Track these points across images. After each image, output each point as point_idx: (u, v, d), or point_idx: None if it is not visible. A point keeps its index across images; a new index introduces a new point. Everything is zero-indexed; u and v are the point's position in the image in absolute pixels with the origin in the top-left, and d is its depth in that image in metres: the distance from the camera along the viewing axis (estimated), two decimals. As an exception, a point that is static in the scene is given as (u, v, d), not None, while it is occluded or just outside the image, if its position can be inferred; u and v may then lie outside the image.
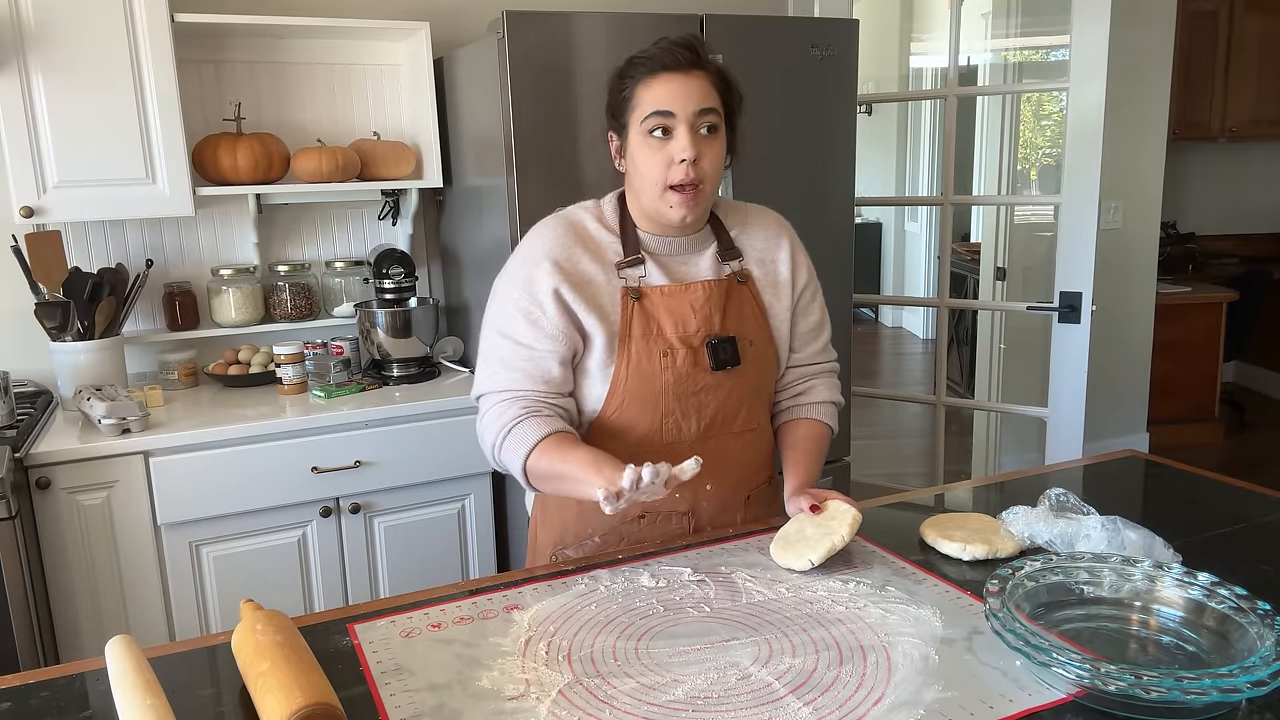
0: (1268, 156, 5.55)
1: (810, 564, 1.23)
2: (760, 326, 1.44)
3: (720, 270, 1.43)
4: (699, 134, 1.30)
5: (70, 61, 2.11)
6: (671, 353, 1.37)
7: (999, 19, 3.96)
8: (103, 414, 2.03)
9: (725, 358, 1.38)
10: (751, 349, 1.42)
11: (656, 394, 1.37)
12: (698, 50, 1.32)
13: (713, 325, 1.39)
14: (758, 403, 1.47)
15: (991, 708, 0.93)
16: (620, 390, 1.37)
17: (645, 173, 1.33)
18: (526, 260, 1.38)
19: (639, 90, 1.32)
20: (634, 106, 1.32)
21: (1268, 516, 1.40)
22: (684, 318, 1.38)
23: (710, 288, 1.40)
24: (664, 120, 1.29)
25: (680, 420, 1.39)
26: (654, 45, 1.33)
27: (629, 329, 1.36)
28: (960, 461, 4.18)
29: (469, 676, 1.01)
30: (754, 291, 1.45)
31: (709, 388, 1.39)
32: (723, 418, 1.42)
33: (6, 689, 1.02)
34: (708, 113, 1.31)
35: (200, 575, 2.15)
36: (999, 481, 1.64)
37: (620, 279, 1.38)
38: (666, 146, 1.30)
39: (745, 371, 1.41)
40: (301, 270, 2.65)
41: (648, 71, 1.31)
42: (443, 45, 2.60)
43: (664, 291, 1.38)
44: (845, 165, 2.62)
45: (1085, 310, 2.75)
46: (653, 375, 1.36)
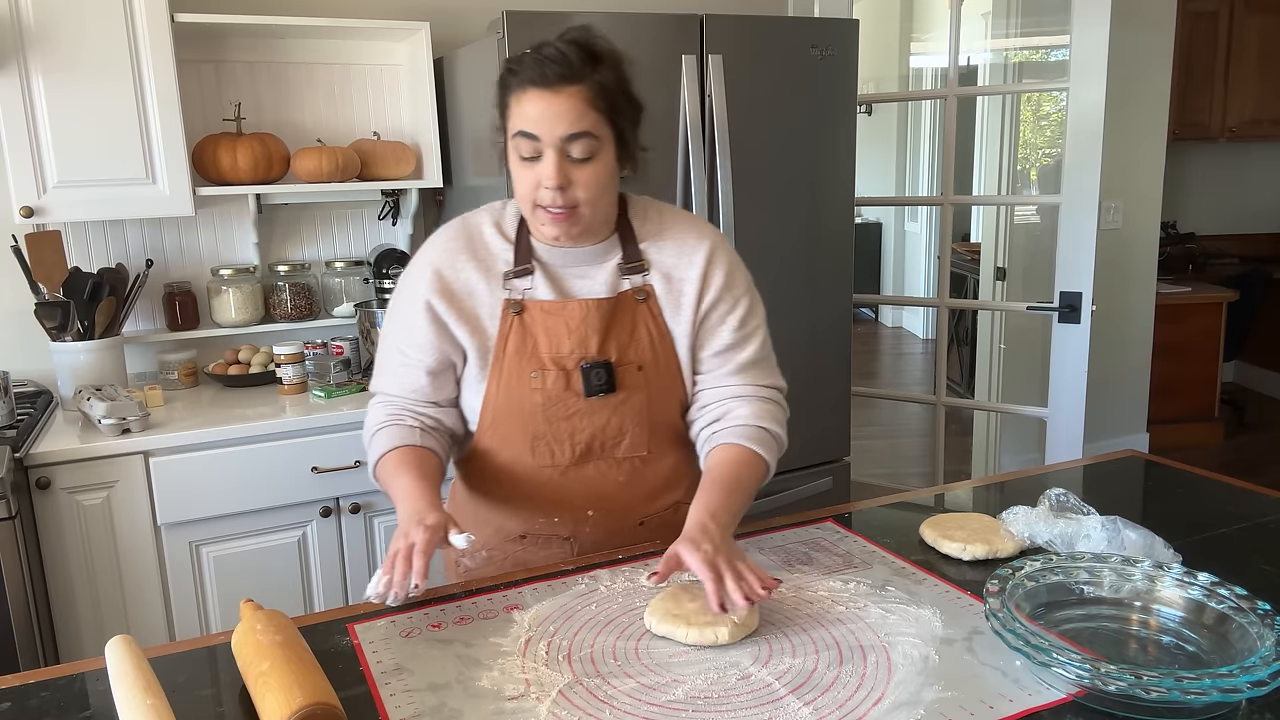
0: (1268, 156, 5.55)
1: (715, 639, 1.05)
2: (656, 349, 1.33)
3: (617, 285, 1.32)
4: (568, 159, 1.20)
5: (70, 61, 2.11)
6: (542, 373, 1.29)
7: (999, 19, 3.96)
8: (103, 414, 2.03)
9: (598, 384, 1.29)
10: (639, 374, 1.32)
11: (526, 415, 1.30)
12: (571, 61, 1.19)
13: (588, 348, 1.30)
14: (647, 429, 1.34)
15: (991, 708, 0.93)
16: (491, 407, 1.32)
17: (517, 188, 1.25)
18: (414, 267, 1.35)
19: (511, 101, 1.22)
20: (508, 117, 1.23)
21: (1268, 516, 1.40)
22: (559, 337, 1.29)
23: (589, 307, 1.30)
24: (529, 143, 1.20)
25: (552, 444, 1.32)
26: (531, 50, 1.22)
27: (504, 344, 1.30)
28: (960, 461, 4.18)
29: (469, 676, 1.01)
30: (654, 311, 1.33)
31: (582, 412, 1.31)
32: (600, 445, 1.33)
33: (6, 689, 1.02)
34: (578, 137, 1.19)
35: (200, 575, 2.15)
36: (999, 481, 1.64)
37: (505, 290, 1.31)
38: (535, 168, 1.21)
39: (628, 398, 1.31)
40: (301, 270, 2.65)
41: (518, 84, 1.21)
42: (443, 45, 2.60)
43: (544, 307, 1.30)
44: (845, 165, 2.62)
45: (1085, 310, 2.75)
46: (522, 395, 1.30)
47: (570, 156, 1.21)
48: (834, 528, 1.40)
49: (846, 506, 1.52)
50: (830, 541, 1.34)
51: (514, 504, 1.38)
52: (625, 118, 1.26)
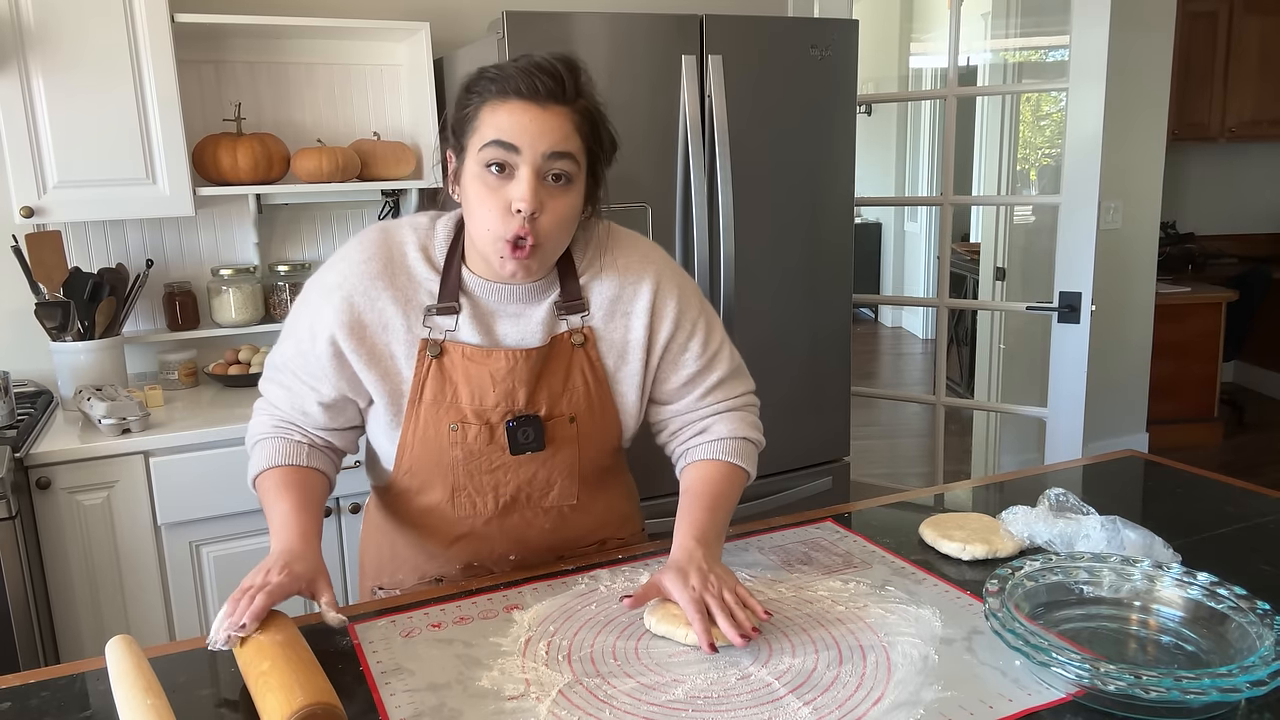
0: (1268, 156, 5.56)
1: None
2: (592, 397, 1.23)
3: (553, 327, 1.21)
4: (544, 182, 1.09)
5: (70, 61, 2.11)
6: (463, 426, 1.18)
7: (999, 19, 3.96)
8: (103, 414, 2.03)
9: (525, 442, 1.19)
10: (571, 426, 1.22)
11: (445, 467, 1.21)
12: (564, 80, 1.10)
13: (515, 401, 1.19)
14: (577, 479, 1.27)
15: (991, 707, 0.93)
16: (407, 456, 1.22)
17: (477, 215, 1.11)
18: (323, 285, 1.20)
19: (484, 111, 1.10)
20: (475, 129, 1.11)
21: (1267, 516, 1.40)
22: (483, 389, 1.18)
23: (518, 358, 1.18)
24: (505, 154, 1.08)
25: (474, 496, 1.24)
26: (514, 61, 1.12)
27: (419, 391, 1.18)
28: (960, 461, 4.19)
29: (469, 676, 1.01)
30: (592, 356, 1.23)
31: (507, 466, 1.22)
32: (526, 496, 1.25)
33: (6, 689, 1.02)
34: (560, 158, 1.09)
35: (200, 575, 2.15)
36: (999, 481, 1.64)
37: (425, 328, 1.18)
38: (504, 188, 1.08)
39: (557, 452, 1.23)
40: (301, 270, 2.65)
41: (498, 92, 1.09)
42: (443, 45, 2.60)
43: (467, 353, 1.18)
44: (845, 165, 2.62)
45: (1085, 310, 2.75)
46: (440, 448, 1.20)
47: (545, 179, 1.09)
48: (834, 528, 1.40)
49: (846, 506, 1.52)
50: (830, 541, 1.35)
51: (432, 547, 1.30)
52: (603, 152, 1.17)
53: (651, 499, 1.52)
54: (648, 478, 1.54)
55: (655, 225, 2.37)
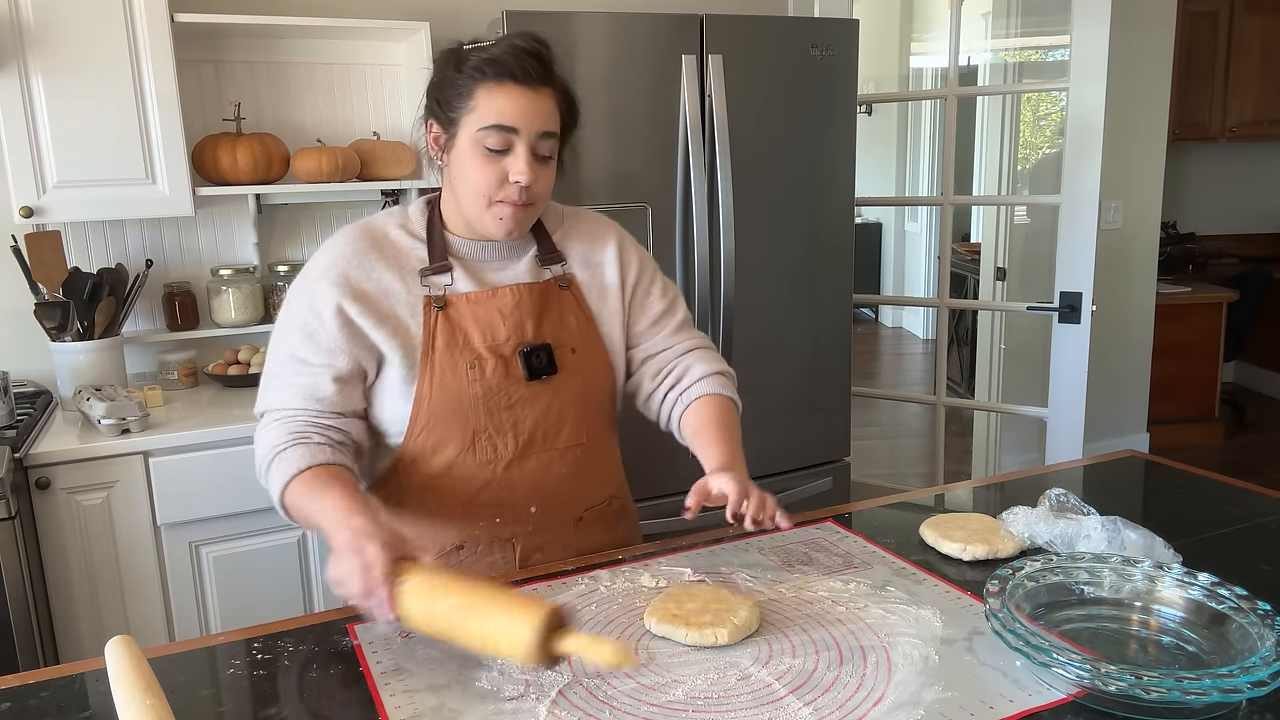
0: (1268, 156, 5.55)
1: (715, 639, 1.05)
2: (585, 334, 1.34)
3: (539, 275, 1.33)
4: (536, 157, 1.23)
5: (70, 61, 2.11)
6: (480, 363, 1.26)
7: (999, 19, 3.96)
8: (102, 414, 2.03)
9: (540, 366, 1.28)
10: (573, 357, 1.32)
11: (466, 409, 1.26)
12: (549, 64, 1.24)
13: (525, 332, 1.29)
14: (585, 415, 1.35)
15: (991, 708, 0.93)
16: (425, 408, 1.26)
17: (473, 182, 1.23)
18: (312, 273, 1.27)
19: (480, 93, 1.21)
20: (471, 108, 1.21)
21: (1268, 516, 1.40)
22: (492, 325, 1.27)
23: (521, 292, 1.30)
24: (505, 136, 1.21)
25: (495, 437, 1.28)
26: (499, 44, 1.22)
27: (432, 341, 1.25)
28: (960, 461, 4.18)
29: (469, 676, 1.01)
30: (578, 297, 1.36)
31: (524, 400, 1.28)
32: (543, 433, 1.30)
33: (6, 689, 1.02)
34: (548, 136, 1.24)
35: (200, 575, 2.15)
36: (999, 481, 1.64)
37: (424, 288, 1.27)
38: (501, 162, 1.21)
39: (566, 381, 1.31)
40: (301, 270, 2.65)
41: (494, 75, 1.20)
42: (443, 45, 2.59)
43: (470, 299, 1.28)
44: (845, 165, 2.62)
45: (1085, 310, 2.75)
46: (460, 389, 1.25)
47: (537, 154, 1.23)
48: (834, 528, 1.40)
49: (846, 506, 1.52)
50: (830, 542, 1.34)
51: (451, 510, 1.31)
52: (574, 124, 1.31)
53: (650, 499, 1.52)
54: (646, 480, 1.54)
55: (655, 225, 2.37)
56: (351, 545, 1.04)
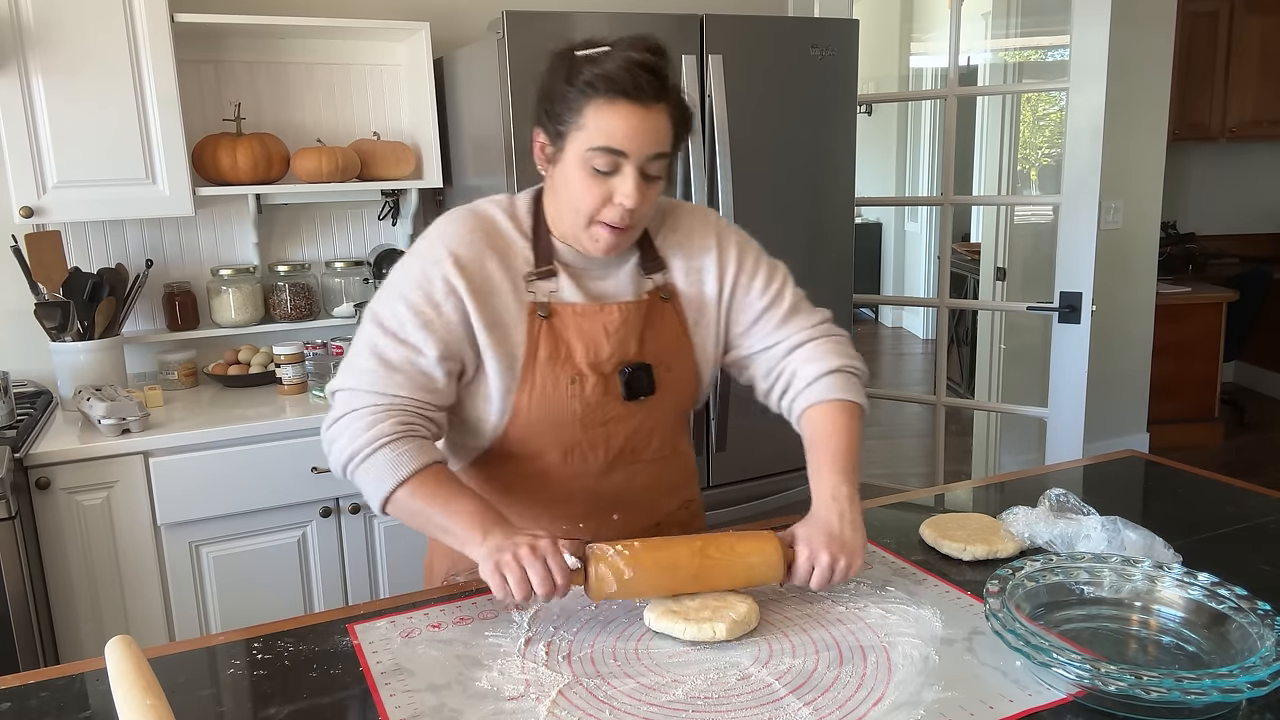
0: (1268, 156, 5.55)
1: (713, 634, 1.06)
2: (681, 347, 1.31)
3: (641, 285, 1.28)
4: (644, 178, 1.16)
5: (70, 61, 2.11)
6: (580, 380, 1.23)
7: (999, 19, 3.96)
8: (102, 414, 2.03)
9: (639, 387, 1.25)
10: (669, 374, 1.29)
11: (562, 424, 1.24)
12: (665, 75, 1.15)
13: (628, 351, 1.25)
14: (671, 428, 1.35)
15: (991, 708, 0.93)
16: (522, 418, 1.24)
17: (576, 201, 1.18)
18: (428, 256, 1.21)
19: (590, 109, 1.13)
20: (580, 125, 1.14)
21: (1268, 516, 1.40)
22: (596, 342, 1.24)
23: (629, 310, 1.25)
24: (614, 159, 1.14)
25: (587, 451, 1.27)
26: (612, 54, 1.14)
27: (534, 351, 1.22)
28: (960, 461, 4.18)
29: (468, 676, 1.01)
30: (678, 308, 1.31)
31: (619, 417, 1.27)
32: (633, 447, 1.30)
33: (6, 689, 1.02)
34: (660, 157, 1.16)
35: (200, 575, 2.15)
36: (999, 481, 1.64)
37: (529, 293, 1.23)
38: (608, 183, 1.15)
39: (660, 399, 1.29)
40: (301, 270, 2.65)
41: (606, 92, 1.12)
42: (443, 45, 2.60)
43: (576, 310, 1.23)
44: (845, 165, 2.62)
45: (1085, 310, 2.75)
46: (559, 404, 1.23)
47: (646, 175, 1.16)
48: (834, 528, 1.39)
49: (846, 506, 1.51)
50: (830, 541, 1.34)
51: (535, 512, 1.32)
52: (687, 134, 1.22)
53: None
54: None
55: (655, 225, 2.37)
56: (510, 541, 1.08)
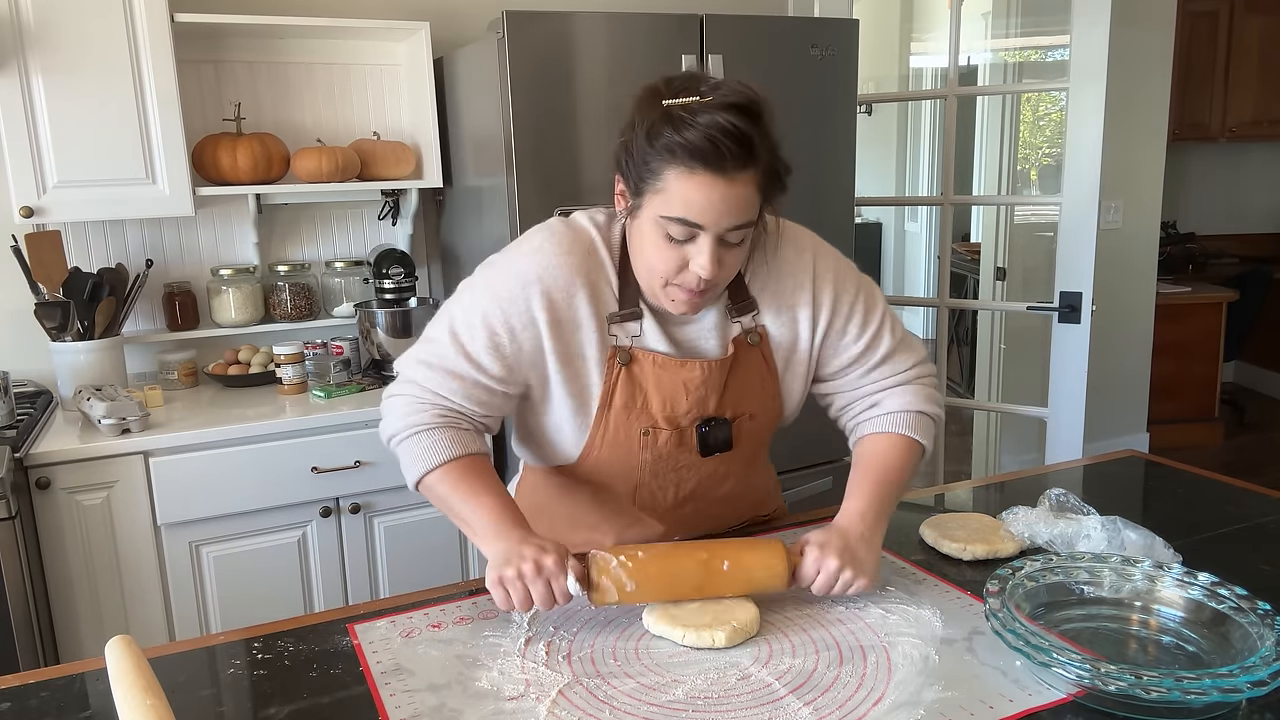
0: (1268, 156, 5.55)
1: (713, 642, 1.05)
2: (766, 393, 1.26)
3: (728, 331, 1.22)
4: (724, 245, 1.09)
5: (70, 61, 2.11)
6: (654, 432, 1.20)
7: (999, 19, 3.96)
8: (103, 414, 2.03)
9: (717, 444, 1.23)
10: (751, 423, 1.25)
11: (632, 468, 1.23)
12: (752, 142, 1.04)
13: (707, 407, 1.21)
14: (748, 469, 1.33)
15: (991, 708, 0.93)
16: (592, 456, 1.23)
17: (650, 262, 1.12)
18: (521, 277, 1.16)
19: (669, 175, 1.05)
20: (658, 189, 1.07)
21: (1268, 516, 1.40)
22: (675, 396, 1.19)
23: (711, 368, 1.20)
24: (689, 230, 1.07)
25: (656, 492, 1.27)
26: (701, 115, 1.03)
27: (610, 397, 1.18)
28: (960, 461, 4.18)
29: (469, 676, 1.01)
30: (766, 353, 1.24)
31: (691, 466, 1.25)
32: (705, 489, 1.29)
33: (6, 689, 1.02)
34: (742, 227, 1.08)
35: (200, 575, 2.15)
36: (999, 481, 1.64)
37: (611, 335, 1.18)
38: (683, 248, 1.09)
39: (739, 449, 1.26)
40: (301, 270, 2.65)
41: (686, 161, 1.03)
42: (443, 45, 2.60)
43: (658, 361, 1.18)
44: (845, 165, 2.61)
45: (1085, 310, 2.74)
46: (630, 452, 1.21)
47: (725, 243, 1.09)
48: (834, 528, 1.39)
49: (846, 506, 1.51)
50: (830, 541, 1.34)
51: (599, 537, 1.31)
52: (780, 192, 1.13)
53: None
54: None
55: (655, 225, 2.37)
56: (517, 553, 1.06)
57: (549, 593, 1.05)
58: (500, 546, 1.09)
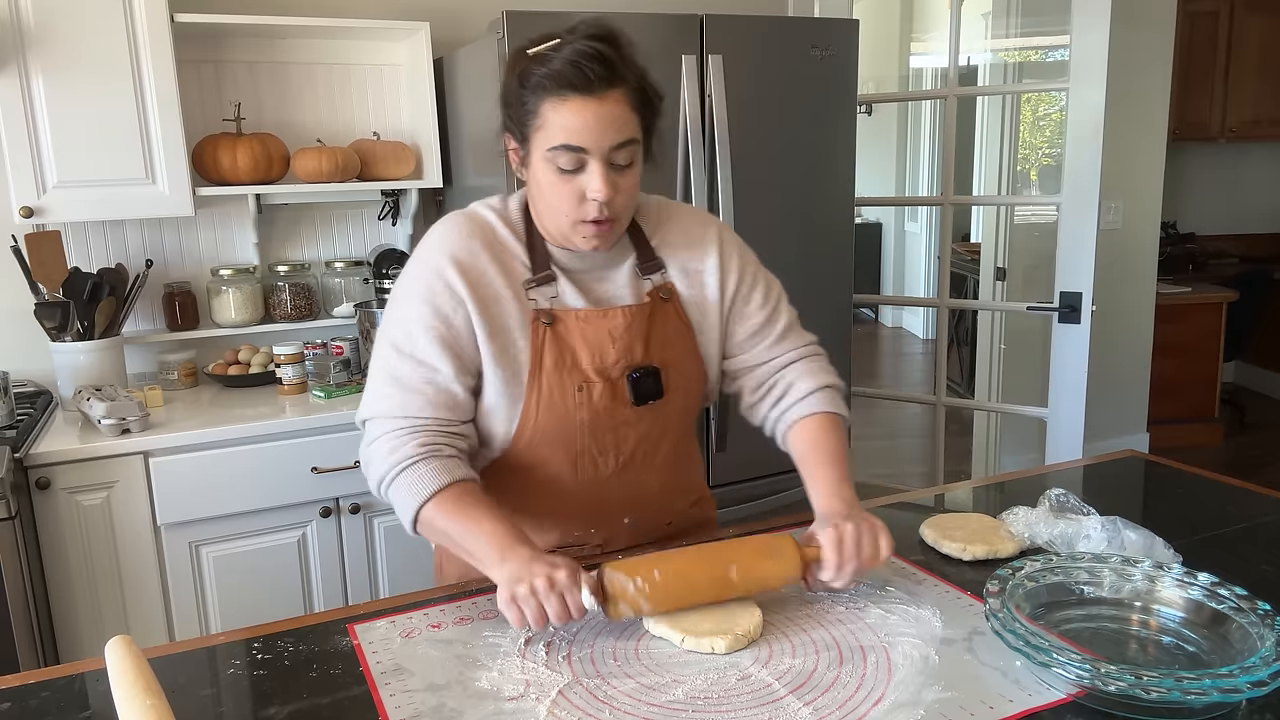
0: (1268, 156, 5.55)
1: (712, 650, 1.04)
2: (685, 348, 1.29)
3: (640, 287, 1.27)
4: (613, 168, 1.14)
5: (70, 61, 2.11)
6: (588, 387, 1.22)
7: (999, 19, 3.96)
8: (102, 414, 2.03)
9: (648, 392, 1.24)
10: (677, 376, 1.28)
11: (571, 432, 1.23)
12: (614, 63, 1.11)
13: (634, 355, 1.23)
14: (681, 430, 1.34)
15: (991, 708, 0.93)
16: (530, 427, 1.22)
17: (551, 202, 1.17)
18: (430, 264, 1.21)
19: (545, 109, 1.12)
20: (538, 126, 1.13)
21: (1268, 516, 1.40)
22: (602, 347, 1.22)
23: (633, 314, 1.24)
24: (575, 156, 1.12)
25: (597, 457, 1.26)
26: (561, 49, 1.11)
27: (540, 359, 1.20)
28: (960, 461, 4.18)
29: (468, 677, 1.01)
30: (678, 309, 1.29)
31: (628, 421, 1.25)
32: (643, 452, 1.29)
33: (6, 689, 1.02)
34: (625, 145, 1.13)
35: (200, 575, 2.15)
36: (999, 481, 1.64)
37: (530, 299, 1.22)
38: (576, 180, 1.14)
39: (669, 401, 1.27)
40: (301, 270, 2.65)
41: (556, 89, 1.10)
42: (443, 45, 2.60)
43: (580, 316, 1.22)
44: (845, 165, 2.62)
45: (1085, 310, 2.75)
46: (567, 411, 1.22)
47: (614, 165, 1.14)
48: (834, 528, 1.39)
49: (846, 507, 1.51)
50: (830, 542, 1.34)
51: (547, 519, 1.31)
52: (655, 114, 1.19)
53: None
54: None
55: (655, 225, 2.37)
56: (527, 570, 1.04)
57: (564, 607, 1.03)
58: (509, 567, 1.06)
